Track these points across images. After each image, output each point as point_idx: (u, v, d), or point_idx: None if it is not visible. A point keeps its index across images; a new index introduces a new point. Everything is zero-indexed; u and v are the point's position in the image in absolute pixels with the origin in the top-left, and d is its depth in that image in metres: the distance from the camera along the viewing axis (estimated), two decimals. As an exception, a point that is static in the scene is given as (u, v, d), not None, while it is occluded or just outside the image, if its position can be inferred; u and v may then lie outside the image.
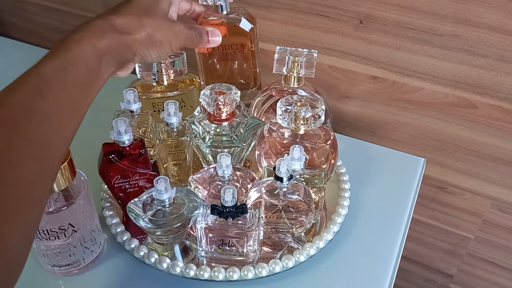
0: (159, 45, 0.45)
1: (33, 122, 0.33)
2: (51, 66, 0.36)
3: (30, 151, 0.32)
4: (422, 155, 0.74)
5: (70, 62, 0.37)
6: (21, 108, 0.33)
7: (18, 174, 0.31)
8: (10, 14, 1.07)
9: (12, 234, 0.30)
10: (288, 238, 0.54)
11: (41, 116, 0.34)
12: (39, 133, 0.33)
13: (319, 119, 0.53)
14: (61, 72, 0.36)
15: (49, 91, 0.34)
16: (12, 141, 0.31)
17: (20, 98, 0.33)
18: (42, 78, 0.35)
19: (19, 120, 0.32)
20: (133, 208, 0.48)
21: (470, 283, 0.93)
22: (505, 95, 0.67)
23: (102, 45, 0.39)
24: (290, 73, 0.58)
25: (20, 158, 0.31)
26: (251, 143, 0.57)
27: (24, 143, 0.32)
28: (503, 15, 0.60)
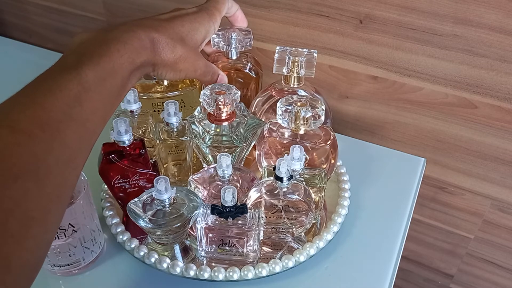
0: (178, 72, 0.48)
1: (71, 128, 0.34)
2: (93, 74, 0.36)
3: (66, 157, 0.33)
4: (422, 155, 0.74)
5: (110, 73, 0.38)
6: (61, 114, 0.33)
7: (53, 178, 0.32)
8: (10, 14, 1.07)
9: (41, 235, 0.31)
10: (288, 238, 0.54)
11: (78, 123, 0.35)
12: (74, 140, 0.34)
13: (319, 119, 0.53)
14: (100, 82, 0.37)
15: (87, 99, 0.35)
16: (51, 146, 0.32)
17: (60, 103, 0.33)
18: (83, 85, 0.35)
19: (59, 125, 0.33)
20: (133, 208, 0.48)
21: (470, 283, 0.93)
22: (505, 95, 0.67)
23: (139, 61, 0.42)
24: (290, 73, 0.58)
25: (56, 163, 0.32)
26: (251, 143, 0.57)
27: (61, 149, 0.33)
28: (503, 15, 0.60)
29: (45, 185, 0.31)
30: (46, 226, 0.32)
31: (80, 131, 0.35)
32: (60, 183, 0.33)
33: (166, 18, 0.48)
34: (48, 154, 0.32)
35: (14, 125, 0.31)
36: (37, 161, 0.31)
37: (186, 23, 0.49)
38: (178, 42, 0.46)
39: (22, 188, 0.29)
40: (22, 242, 0.29)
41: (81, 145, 0.35)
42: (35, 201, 0.30)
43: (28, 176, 0.30)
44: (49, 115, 0.33)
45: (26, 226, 0.29)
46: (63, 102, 0.34)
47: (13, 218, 0.28)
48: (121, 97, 0.41)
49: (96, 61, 0.37)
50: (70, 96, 0.34)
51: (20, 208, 0.29)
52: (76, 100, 0.34)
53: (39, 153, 0.31)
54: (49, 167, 0.32)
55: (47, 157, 0.31)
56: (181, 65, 0.47)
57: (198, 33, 0.50)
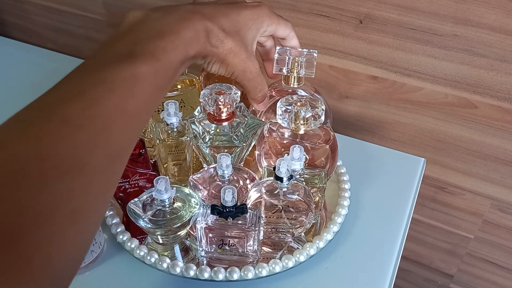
0: (226, 66, 0.45)
1: (123, 120, 0.33)
2: (147, 66, 0.35)
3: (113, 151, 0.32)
4: (422, 155, 0.74)
5: (164, 65, 0.37)
6: (116, 107, 0.32)
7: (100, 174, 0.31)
8: (10, 14, 1.07)
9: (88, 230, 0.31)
10: (288, 238, 0.54)
11: (130, 115, 0.33)
12: (124, 134, 0.33)
13: (319, 119, 0.53)
14: (154, 74, 0.36)
15: (140, 91, 0.34)
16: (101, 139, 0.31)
17: (114, 96, 0.32)
18: (136, 77, 0.34)
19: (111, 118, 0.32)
20: (133, 208, 0.48)
21: (470, 283, 0.93)
22: (505, 95, 0.67)
23: (191, 53, 0.40)
24: (291, 73, 0.58)
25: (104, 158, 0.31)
26: (251, 143, 0.57)
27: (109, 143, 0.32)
28: (503, 15, 0.60)
29: (92, 180, 0.30)
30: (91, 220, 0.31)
31: (131, 123, 0.34)
32: (107, 178, 0.32)
33: (224, 7, 0.45)
34: (97, 148, 0.31)
35: (66, 117, 0.30)
36: (86, 155, 0.30)
37: (243, 16, 0.46)
38: (231, 34, 0.44)
39: (70, 182, 0.28)
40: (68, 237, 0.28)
41: (131, 138, 0.35)
42: (83, 195, 0.29)
43: (77, 171, 0.29)
44: (102, 108, 0.31)
45: (73, 221, 0.29)
46: (116, 94, 0.32)
47: (60, 213, 0.28)
48: (169, 87, 0.40)
49: (151, 53, 0.36)
50: (123, 88, 0.33)
51: (68, 203, 0.28)
52: (129, 93, 0.33)
53: (88, 146, 0.30)
54: (97, 161, 0.31)
55: (96, 151, 0.30)
56: (230, 59, 0.45)
57: (252, 30, 0.47)
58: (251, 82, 0.49)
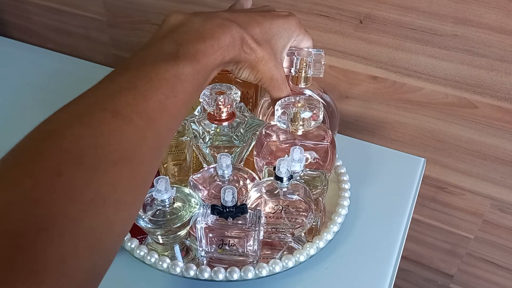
0: (255, 73, 0.48)
1: (164, 118, 0.34)
2: (190, 68, 0.37)
3: (157, 145, 0.34)
4: (422, 155, 0.74)
5: (203, 68, 0.39)
6: (158, 103, 0.34)
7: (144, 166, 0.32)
8: (10, 14, 1.07)
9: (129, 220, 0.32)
10: (288, 238, 0.54)
11: (171, 113, 0.35)
12: (165, 129, 0.35)
13: (318, 119, 0.53)
14: (195, 75, 0.38)
15: (181, 91, 0.36)
16: (145, 134, 0.32)
17: (158, 93, 0.34)
18: (179, 77, 0.36)
19: (155, 115, 0.34)
20: (133, 208, 0.48)
21: (470, 283, 0.93)
22: (505, 95, 0.67)
23: (227, 58, 0.43)
24: (299, 74, 0.57)
25: (148, 151, 0.33)
26: (251, 143, 0.57)
27: (154, 138, 0.33)
28: (503, 15, 0.60)
29: (137, 172, 0.31)
30: (133, 210, 0.32)
31: (171, 121, 0.36)
32: (149, 170, 0.34)
33: (258, 16, 0.48)
34: (143, 142, 0.32)
35: (117, 110, 0.31)
36: (134, 148, 0.31)
37: (275, 26, 0.48)
38: (262, 44, 0.46)
39: (119, 173, 0.30)
40: (114, 226, 0.30)
41: (170, 135, 0.37)
42: (128, 186, 0.31)
43: (124, 162, 0.30)
44: (148, 104, 0.33)
45: (119, 210, 0.30)
46: (161, 91, 0.34)
47: (108, 203, 0.29)
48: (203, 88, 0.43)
49: (193, 55, 0.38)
50: (167, 87, 0.35)
51: (115, 193, 0.29)
52: (172, 91, 0.35)
53: (136, 140, 0.32)
54: (143, 154, 0.32)
55: (142, 145, 0.32)
56: (260, 67, 0.47)
57: (282, 39, 0.49)
58: (276, 89, 0.51)
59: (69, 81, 0.86)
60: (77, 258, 0.27)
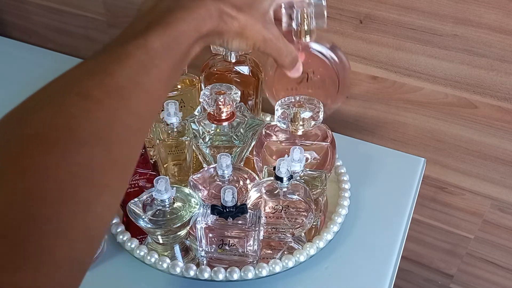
0: (245, 39, 0.45)
1: (138, 96, 0.33)
2: (159, 42, 0.36)
3: (133, 124, 0.33)
4: (422, 155, 0.74)
5: (176, 41, 0.37)
6: (128, 81, 0.33)
7: (122, 146, 0.32)
8: (10, 14, 1.07)
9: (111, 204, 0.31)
10: (288, 238, 0.54)
11: (145, 91, 0.34)
12: (141, 107, 0.34)
13: (317, 119, 0.53)
14: (166, 50, 0.36)
15: (153, 67, 0.35)
16: (118, 113, 0.32)
17: (128, 71, 0.33)
18: (149, 53, 0.35)
19: (126, 93, 0.33)
20: (133, 208, 0.48)
21: (470, 283, 0.93)
22: (505, 95, 0.67)
23: (204, 29, 0.40)
24: (301, 27, 0.53)
25: (123, 131, 0.32)
26: (251, 143, 0.57)
27: (128, 117, 0.32)
28: (503, 15, 0.60)
29: (112, 152, 0.31)
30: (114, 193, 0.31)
31: (147, 99, 0.35)
32: (127, 151, 0.33)
33: None
34: (116, 122, 0.31)
35: (84, 92, 0.31)
36: (105, 128, 0.30)
37: None
38: (243, 9, 0.44)
39: (91, 154, 0.29)
40: (94, 208, 0.29)
41: (147, 113, 0.35)
42: (104, 167, 0.30)
43: (96, 143, 0.30)
44: (117, 83, 0.32)
45: (97, 192, 0.29)
46: (130, 70, 0.33)
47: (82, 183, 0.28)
48: (184, 64, 0.41)
49: (162, 29, 0.37)
50: (137, 64, 0.34)
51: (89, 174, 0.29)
52: (143, 68, 0.34)
53: (107, 120, 0.31)
54: (117, 134, 0.31)
55: (115, 124, 0.31)
56: (247, 32, 0.44)
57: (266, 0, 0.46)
58: (274, 50, 0.47)
59: (69, 81, 0.86)
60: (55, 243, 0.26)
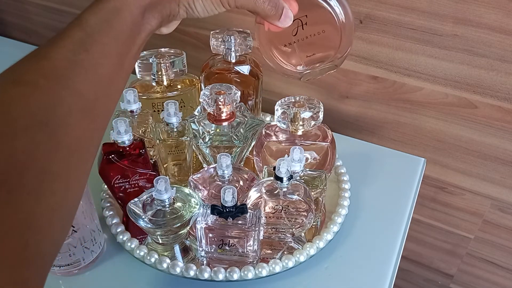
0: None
1: (79, 75, 0.31)
2: (94, 17, 0.34)
3: (78, 105, 0.31)
4: (422, 155, 0.74)
5: (114, 12, 0.34)
6: (66, 61, 0.31)
7: (68, 129, 0.30)
8: (10, 14, 1.07)
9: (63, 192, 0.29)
10: (288, 238, 0.54)
11: (87, 68, 0.32)
12: (85, 87, 0.32)
13: (317, 119, 0.53)
14: (104, 23, 0.34)
15: (92, 43, 0.33)
16: (59, 95, 0.30)
17: (64, 51, 0.32)
18: (85, 30, 0.33)
19: (65, 72, 0.31)
20: (133, 208, 0.48)
21: (470, 283, 0.93)
22: (505, 95, 0.67)
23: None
24: None
25: (68, 112, 0.30)
26: (251, 143, 0.57)
27: (72, 97, 0.31)
28: (503, 15, 0.60)
29: (59, 137, 0.29)
30: (68, 181, 0.29)
31: (91, 77, 0.32)
32: (78, 135, 0.31)
33: None
34: (58, 104, 0.30)
35: (20, 79, 0.30)
36: (46, 111, 0.29)
37: None
38: None
39: (33, 139, 0.27)
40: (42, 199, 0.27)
41: (95, 93, 0.33)
42: (50, 154, 0.28)
43: (38, 127, 0.28)
44: (53, 64, 0.31)
45: (45, 181, 0.27)
46: (66, 49, 0.32)
47: (27, 172, 0.26)
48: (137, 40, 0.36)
49: (96, 4, 0.34)
50: (73, 43, 0.32)
51: (34, 162, 0.27)
52: (80, 46, 0.32)
53: (47, 102, 0.29)
54: (61, 116, 0.30)
55: (57, 107, 0.30)
56: None
57: None
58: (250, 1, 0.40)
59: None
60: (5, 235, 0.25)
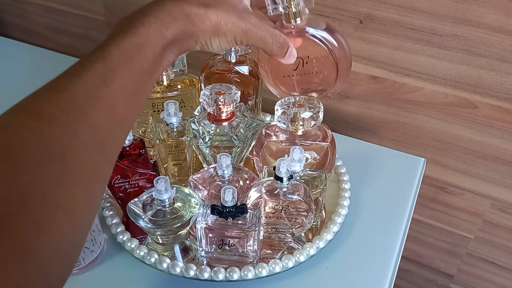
0: (223, 36, 0.42)
1: (97, 109, 0.32)
2: (118, 52, 0.34)
3: (92, 139, 0.31)
4: (422, 155, 0.74)
5: (137, 49, 0.35)
6: (85, 95, 0.32)
7: (80, 163, 0.30)
8: (10, 14, 1.07)
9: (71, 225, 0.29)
10: (288, 238, 0.54)
11: (105, 104, 0.32)
12: (102, 122, 0.32)
13: (317, 119, 0.53)
14: (127, 59, 0.35)
15: (114, 78, 0.33)
16: (76, 129, 0.30)
17: (85, 84, 0.32)
18: (108, 65, 0.33)
19: (83, 107, 0.31)
20: (133, 208, 0.48)
21: (470, 283, 0.93)
22: (505, 95, 0.67)
23: (169, 33, 0.38)
24: (288, 10, 0.49)
25: (83, 146, 0.30)
26: (251, 143, 0.57)
27: (87, 131, 0.31)
28: (503, 15, 0.60)
29: (71, 170, 0.29)
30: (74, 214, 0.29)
31: (108, 112, 0.33)
32: (89, 168, 0.31)
33: None
34: (74, 138, 0.30)
35: (38, 111, 0.30)
36: (61, 145, 0.29)
37: None
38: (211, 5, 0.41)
39: (45, 173, 0.28)
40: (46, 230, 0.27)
41: (110, 128, 0.33)
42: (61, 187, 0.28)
43: (52, 161, 0.28)
44: (73, 98, 0.31)
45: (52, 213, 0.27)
46: (87, 83, 0.32)
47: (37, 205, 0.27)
48: (155, 75, 0.38)
49: (120, 38, 0.35)
50: (95, 77, 0.32)
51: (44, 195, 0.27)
52: (101, 80, 0.33)
53: (64, 137, 0.29)
54: (75, 150, 0.30)
55: (73, 141, 0.30)
56: (223, 28, 0.41)
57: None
58: (258, 39, 0.43)
59: (69, 81, 0.86)
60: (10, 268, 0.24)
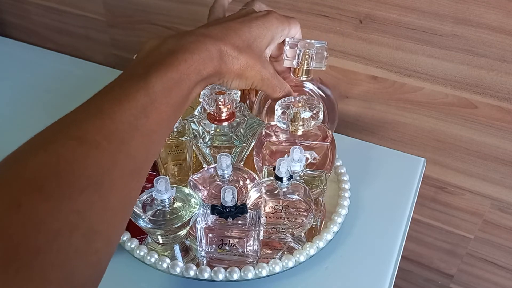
0: (244, 79, 0.47)
1: (136, 139, 0.33)
2: (160, 84, 0.36)
3: (129, 168, 0.33)
4: (422, 155, 0.74)
5: (177, 84, 0.38)
6: (127, 124, 0.33)
7: (118, 191, 0.31)
8: (10, 14, 1.07)
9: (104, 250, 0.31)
10: (288, 238, 0.54)
11: (143, 134, 0.34)
12: (140, 151, 0.34)
13: (317, 119, 0.53)
14: (167, 92, 0.36)
15: (153, 110, 0.35)
16: (115, 157, 0.31)
17: (127, 114, 0.33)
18: (150, 96, 0.35)
19: (124, 136, 0.32)
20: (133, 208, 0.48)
21: (470, 283, 0.93)
22: (505, 95, 0.67)
23: (205, 72, 0.41)
24: (301, 66, 0.55)
25: (121, 175, 0.32)
26: (251, 143, 0.57)
27: (126, 160, 0.32)
28: (503, 15, 0.60)
29: (110, 198, 0.30)
30: (109, 240, 0.31)
31: (145, 142, 0.34)
32: (124, 195, 0.32)
33: (235, 24, 0.46)
34: (114, 166, 0.31)
35: (83, 136, 0.30)
36: (103, 173, 0.30)
37: (254, 29, 0.47)
38: (243, 50, 0.45)
39: (88, 201, 0.28)
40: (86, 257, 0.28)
41: (146, 157, 0.35)
42: (100, 214, 0.29)
43: (94, 189, 0.29)
44: (116, 126, 0.32)
45: (90, 240, 0.28)
46: (130, 113, 0.33)
47: (77, 232, 0.27)
48: (185, 107, 0.40)
49: (164, 71, 0.37)
50: (137, 107, 0.34)
51: (85, 222, 0.28)
52: (142, 111, 0.34)
53: (105, 165, 0.30)
54: (114, 179, 0.31)
55: (113, 169, 0.31)
56: (247, 73, 0.46)
57: (265, 40, 0.48)
58: (270, 87, 0.50)
59: (69, 81, 0.86)
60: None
